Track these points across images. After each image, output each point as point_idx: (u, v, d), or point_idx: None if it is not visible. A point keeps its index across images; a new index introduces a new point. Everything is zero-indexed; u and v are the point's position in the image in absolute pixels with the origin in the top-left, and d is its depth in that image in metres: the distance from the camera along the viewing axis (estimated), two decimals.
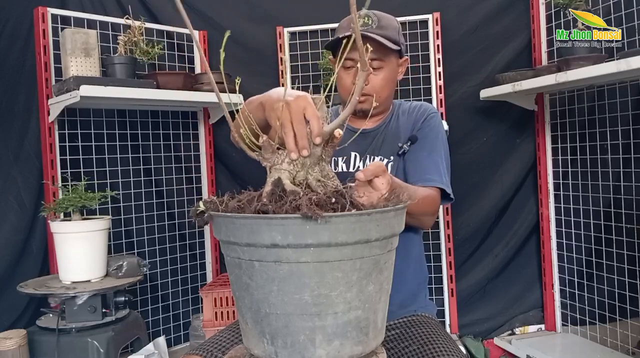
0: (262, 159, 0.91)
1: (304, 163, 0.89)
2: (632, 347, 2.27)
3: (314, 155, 0.89)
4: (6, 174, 2.20)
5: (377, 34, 1.34)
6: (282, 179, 0.87)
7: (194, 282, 2.71)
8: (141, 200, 2.54)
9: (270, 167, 0.90)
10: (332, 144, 0.92)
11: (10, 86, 2.21)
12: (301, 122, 0.87)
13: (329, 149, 0.93)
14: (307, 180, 0.88)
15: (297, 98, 0.90)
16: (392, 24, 1.40)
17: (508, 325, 2.72)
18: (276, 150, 0.90)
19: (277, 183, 0.87)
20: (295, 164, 0.89)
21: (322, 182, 0.89)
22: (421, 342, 1.26)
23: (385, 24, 1.38)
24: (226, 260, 0.91)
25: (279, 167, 0.89)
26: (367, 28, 1.35)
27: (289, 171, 0.88)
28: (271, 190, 0.87)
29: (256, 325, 0.86)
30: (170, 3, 2.69)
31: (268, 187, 0.88)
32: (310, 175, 0.89)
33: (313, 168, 0.90)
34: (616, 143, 2.33)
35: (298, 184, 0.87)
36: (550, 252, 2.66)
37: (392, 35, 1.38)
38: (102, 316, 1.91)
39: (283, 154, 0.89)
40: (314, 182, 0.88)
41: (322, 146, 0.90)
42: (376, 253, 0.85)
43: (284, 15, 2.74)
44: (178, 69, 2.64)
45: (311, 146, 0.88)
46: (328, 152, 0.93)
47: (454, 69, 2.66)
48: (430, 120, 1.47)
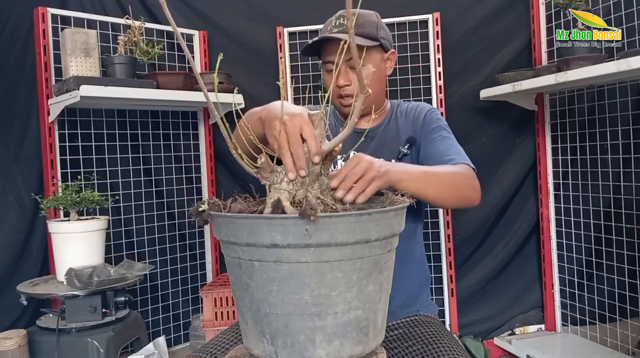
0: (261, 178, 0.91)
1: (303, 181, 0.89)
2: (632, 347, 2.27)
3: (312, 173, 0.90)
4: (6, 174, 2.20)
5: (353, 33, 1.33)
6: (282, 200, 0.87)
7: (194, 282, 2.71)
8: (141, 200, 2.54)
9: (270, 186, 0.90)
10: (331, 156, 0.92)
11: (10, 86, 2.21)
12: (298, 142, 0.87)
13: (327, 162, 0.93)
14: (306, 198, 0.88)
15: (294, 117, 0.89)
16: (369, 20, 1.39)
17: (508, 325, 2.72)
18: (275, 169, 0.90)
19: (277, 205, 0.87)
20: (294, 183, 0.89)
21: (322, 199, 0.89)
22: (425, 341, 1.26)
23: (362, 21, 1.37)
24: (226, 260, 0.91)
25: (278, 186, 0.89)
26: (342, 28, 1.35)
27: (288, 191, 0.88)
28: (270, 212, 0.87)
29: (256, 325, 0.86)
30: (170, 3, 2.69)
31: (268, 208, 0.88)
32: (309, 192, 0.90)
33: (312, 185, 0.90)
34: (616, 143, 2.33)
35: (298, 203, 0.88)
36: (550, 252, 2.66)
37: (369, 32, 1.37)
38: (102, 316, 1.91)
39: (282, 173, 0.89)
40: (314, 200, 0.89)
41: (320, 163, 0.90)
42: (376, 253, 0.85)
43: (284, 15, 2.74)
44: (178, 69, 2.64)
45: (310, 165, 0.88)
46: (327, 166, 0.93)
47: (454, 69, 2.66)
48: (430, 115, 1.47)
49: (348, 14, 0.75)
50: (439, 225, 2.64)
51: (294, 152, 0.87)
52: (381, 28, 1.41)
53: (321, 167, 0.91)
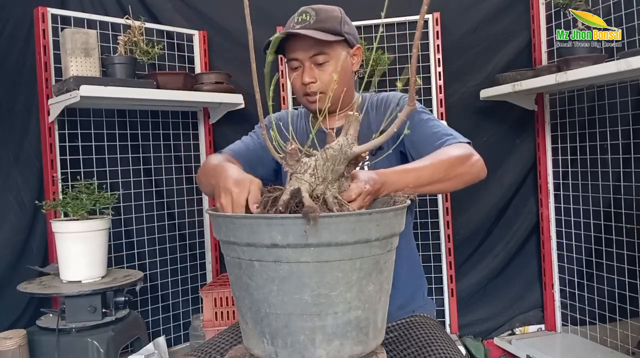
0: (286, 165, 0.92)
1: (325, 177, 0.89)
2: (632, 347, 2.27)
3: (337, 171, 0.90)
4: (6, 174, 2.20)
5: (315, 29, 1.31)
6: (302, 190, 0.87)
7: (194, 282, 2.71)
8: (141, 200, 2.53)
9: (292, 174, 0.91)
10: (356, 161, 0.93)
11: (10, 86, 2.21)
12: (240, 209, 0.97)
13: (352, 166, 0.93)
14: (324, 195, 0.88)
15: (238, 185, 0.98)
16: (332, 15, 1.36)
17: (508, 325, 2.72)
18: (301, 159, 0.91)
19: (296, 194, 0.87)
20: (316, 177, 0.89)
21: (338, 199, 0.89)
22: (420, 344, 1.25)
23: (325, 16, 1.35)
24: (226, 260, 0.91)
25: (300, 176, 0.89)
26: (305, 24, 1.33)
27: (309, 183, 0.88)
28: (288, 199, 0.87)
29: (256, 325, 0.86)
30: (170, 3, 2.69)
31: (286, 195, 0.88)
32: (328, 190, 0.89)
33: (333, 184, 0.90)
34: (616, 143, 2.33)
35: (315, 197, 0.88)
36: (550, 252, 2.66)
37: (332, 27, 1.34)
38: (102, 316, 1.90)
39: (306, 164, 0.90)
40: (331, 198, 0.89)
41: (345, 164, 0.90)
42: (376, 253, 0.85)
43: (284, 15, 2.72)
44: (178, 69, 2.63)
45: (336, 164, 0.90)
46: (350, 169, 0.93)
47: (454, 69, 2.66)
48: (403, 103, 1.40)
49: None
50: (439, 225, 2.64)
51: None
52: (345, 23, 1.38)
53: (345, 168, 0.91)
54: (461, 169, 1.23)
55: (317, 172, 0.89)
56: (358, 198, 0.94)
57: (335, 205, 0.88)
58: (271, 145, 0.94)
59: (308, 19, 1.34)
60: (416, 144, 1.34)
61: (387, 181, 1.06)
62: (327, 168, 0.89)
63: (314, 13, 1.35)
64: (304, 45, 1.34)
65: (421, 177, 1.15)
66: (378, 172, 1.07)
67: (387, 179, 1.06)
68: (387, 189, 1.05)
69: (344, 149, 0.89)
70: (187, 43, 2.69)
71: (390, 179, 1.07)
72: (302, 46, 1.35)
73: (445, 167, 1.20)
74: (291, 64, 1.40)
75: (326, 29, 1.33)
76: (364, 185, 0.95)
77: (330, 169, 0.89)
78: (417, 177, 1.14)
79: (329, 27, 1.34)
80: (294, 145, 0.90)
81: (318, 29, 1.32)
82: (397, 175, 1.11)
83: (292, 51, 1.38)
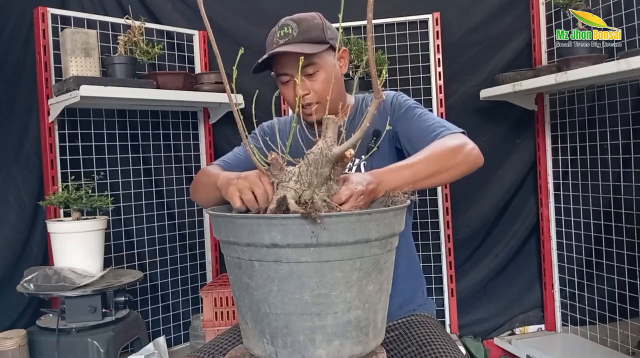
0: (271, 175, 0.93)
1: (311, 182, 0.90)
2: (632, 347, 2.27)
3: (321, 175, 0.90)
4: (6, 174, 2.19)
5: (299, 41, 1.31)
6: (287, 197, 0.87)
7: (194, 282, 2.71)
8: (141, 200, 2.53)
9: (278, 184, 0.91)
10: (342, 163, 0.93)
11: (10, 86, 2.21)
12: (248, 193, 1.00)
13: (338, 168, 0.93)
14: (312, 200, 0.89)
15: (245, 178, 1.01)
16: (314, 23, 1.35)
17: (508, 325, 2.72)
18: (284, 168, 0.92)
19: (282, 202, 0.88)
20: (302, 183, 0.89)
21: (327, 202, 0.90)
22: (420, 343, 1.26)
23: (306, 26, 1.34)
24: (226, 260, 0.91)
25: (285, 184, 0.90)
26: (289, 38, 1.32)
27: (295, 190, 0.89)
28: (275, 208, 0.87)
29: (256, 325, 0.86)
30: (170, 3, 2.69)
31: (273, 204, 0.89)
32: (316, 194, 0.90)
33: (320, 188, 0.90)
34: (616, 143, 2.33)
35: (303, 203, 0.88)
36: (550, 252, 2.66)
37: (316, 36, 1.33)
38: (102, 316, 1.90)
39: (291, 172, 0.91)
40: (319, 202, 0.89)
41: (330, 166, 0.90)
42: (376, 253, 0.86)
43: (284, 15, 2.72)
44: (178, 69, 2.64)
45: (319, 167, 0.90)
46: (337, 171, 0.93)
47: (454, 69, 2.66)
48: (397, 100, 1.42)
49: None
50: (439, 225, 2.64)
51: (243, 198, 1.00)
52: (327, 28, 1.37)
53: (330, 171, 0.91)
54: (457, 159, 1.23)
55: (301, 178, 0.90)
56: (350, 200, 0.94)
57: (324, 208, 0.88)
58: (256, 159, 0.95)
59: (290, 32, 1.34)
60: (412, 140, 1.34)
61: (382, 180, 1.06)
62: (310, 172, 0.90)
63: (295, 25, 1.34)
64: (292, 60, 1.31)
65: (417, 172, 1.14)
66: (372, 172, 1.07)
67: (382, 178, 1.06)
68: (384, 189, 1.05)
69: (324, 151, 0.89)
70: (187, 43, 2.69)
71: (385, 178, 1.07)
72: (289, 61, 1.33)
73: (440, 159, 1.20)
74: (281, 79, 1.39)
75: (311, 40, 1.32)
76: (354, 187, 0.95)
77: (314, 173, 0.90)
78: (413, 173, 1.13)
79: (314, 37, 1.33)
80: (274, 155, 0.91)
81: (303, 42, 1.31)
82: (392, 174, 1.10)
83: (281, 67, 1.37)
